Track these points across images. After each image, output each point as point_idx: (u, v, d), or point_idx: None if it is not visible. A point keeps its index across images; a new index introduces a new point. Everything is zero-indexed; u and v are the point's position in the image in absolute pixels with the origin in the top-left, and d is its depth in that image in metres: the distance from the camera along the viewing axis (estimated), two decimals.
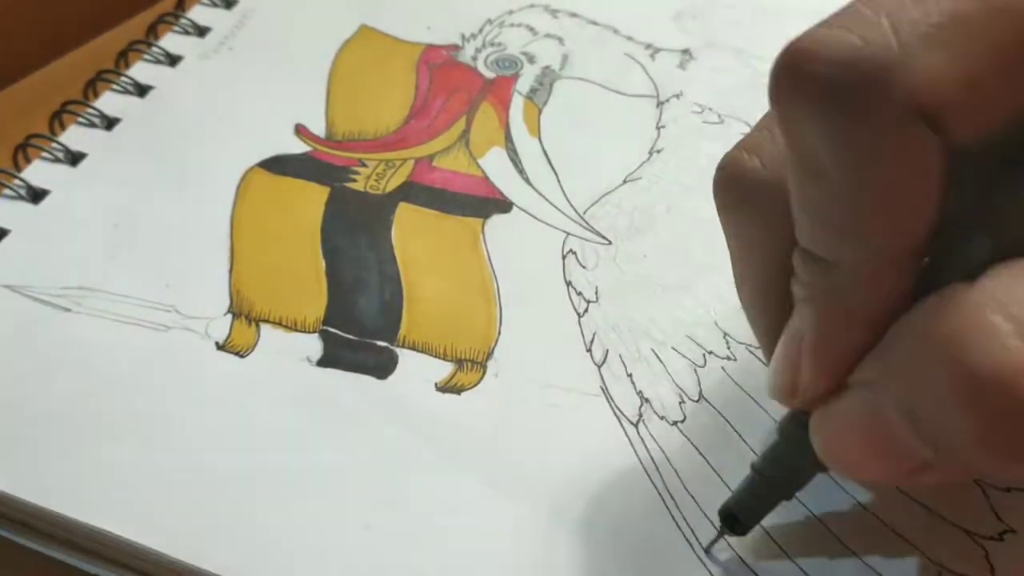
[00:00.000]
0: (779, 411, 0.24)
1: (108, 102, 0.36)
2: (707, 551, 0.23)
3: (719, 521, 0.23)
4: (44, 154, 0.33)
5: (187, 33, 0.39)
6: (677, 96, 0.35)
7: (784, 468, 0.22)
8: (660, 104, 0.35)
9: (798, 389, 0.19)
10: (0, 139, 0.34)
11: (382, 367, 0.27)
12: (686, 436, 0.25)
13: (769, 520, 0.23)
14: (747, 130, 0.33)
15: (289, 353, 0.27)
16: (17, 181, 0.32)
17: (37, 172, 0.33)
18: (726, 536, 0.23)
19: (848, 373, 0.18)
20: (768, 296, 0.21)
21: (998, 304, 0.16)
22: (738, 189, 0.21)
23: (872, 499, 0.24)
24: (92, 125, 0.35)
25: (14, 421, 0.26)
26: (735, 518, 0.23)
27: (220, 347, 0.28)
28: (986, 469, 0.19)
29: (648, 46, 0.37)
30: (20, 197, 0.32)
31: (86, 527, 0.24)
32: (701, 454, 0.25)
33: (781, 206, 0.19)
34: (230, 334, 0.28)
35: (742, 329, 0.27)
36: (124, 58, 0.38)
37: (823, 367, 0.19)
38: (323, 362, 0.27)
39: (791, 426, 0.21)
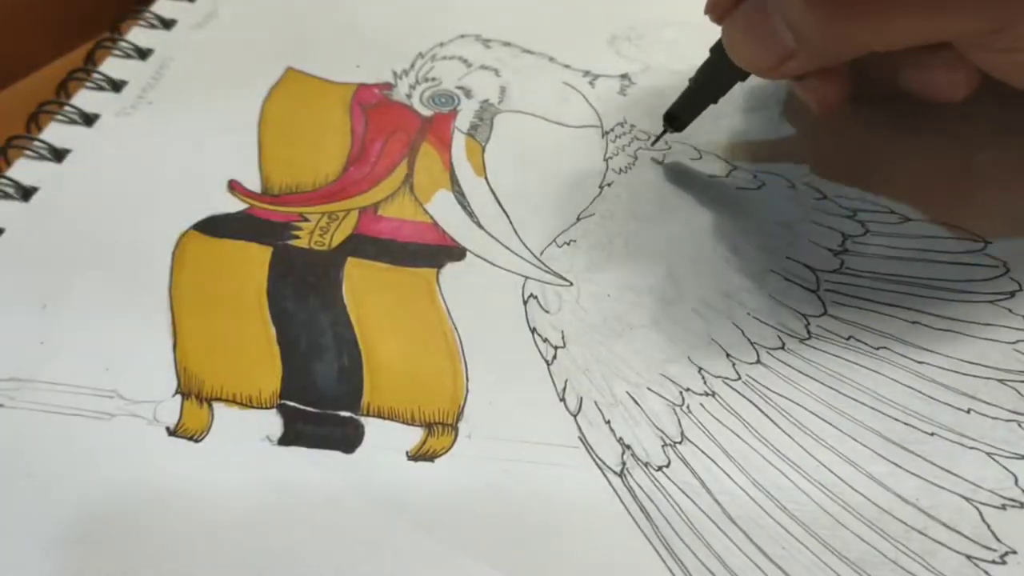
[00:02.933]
0: (756, 444, 0.24)
1: (22, 169, 0.34)
2: (652, 145, 0.33)
3: (663, 123, 0.32)
4: None
5: (101, 88, 0.37)
6: (621, 124, 0.34)
7: (710, 77, 0.30)
8: (605, 134, 0.34)
9: (718, 1, 0.28)
10: None
11: (348, 440, 0.26)
12: (672, 481, 0.24)
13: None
14: (695, 155, 0.33)
15: (247, 433, 0.26)
16: None
17: None
18: (669, 133, 0.32)
19: None
20: None
21: None
22: None
23: None
24: (6, 196, 0.32)
25: None
26: (675, 117, 0.32)
27: (171, 433, 0.26)
28: (818, 36, 0.25)
29: (586, 73, 0.36)
30: None
31: None
32: (690, 498, 0.24)
33: None
34: (181, 417, 0.26)
35: (716, 362, 0.27)
36: (35, 120, 0.36)
37: None
38: (284, 440, 0.26)
39: (717, 47, 0.29)
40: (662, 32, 0.38)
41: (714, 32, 0.29)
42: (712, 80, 0.30)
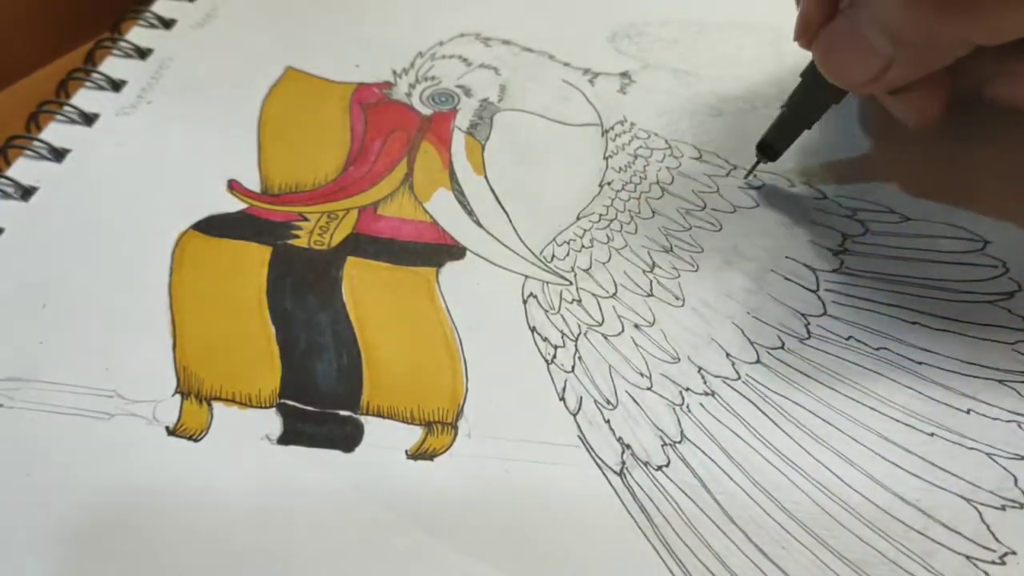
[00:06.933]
0: (756, 444, 0.24)
1: (22, 169, 0.34)
2: (746, 178, 0.31)
3: (756, 153, 0.31)
4: None
5: (100, 88, 0.37)
6: (621, 123, 0.34)
7: (804, 102, 0.29)
8: (605, 133, 0.34)
9: (807, 25, 0.27)
10: None
11: (347, 439, 0.26)
12: (672, 480, 0.24)
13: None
14: (695, 154, 0.33)
15: (246, 433, 0.26)
16: None
17: None
18: (762, 163, 0.31)
19: (836, 7, 0.27)
20: None
21: None
22: None
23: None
24: (6, 196, 0.32)
25: None
26: (768, 146, 0.30)
27: (171, 432, 0.26)
28: (919, 35, 0.25)
29: (586, 71, 0.36)
30: None
31: None
32: (689, 498, 0.24)
33: None
34: (180, 417, 0.26)
35: (716, 362, 0.27)
36: (35, 120, 0.36)
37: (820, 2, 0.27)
38: (284, 439, 0.26)
39: (809, 70, 0.28)
40: (662, 30, 0.38)
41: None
42: (806, 105, 0.29)
